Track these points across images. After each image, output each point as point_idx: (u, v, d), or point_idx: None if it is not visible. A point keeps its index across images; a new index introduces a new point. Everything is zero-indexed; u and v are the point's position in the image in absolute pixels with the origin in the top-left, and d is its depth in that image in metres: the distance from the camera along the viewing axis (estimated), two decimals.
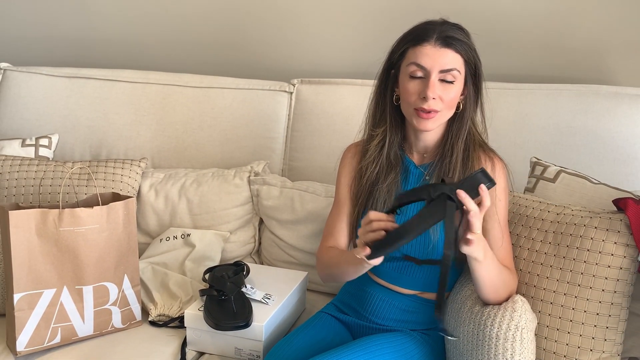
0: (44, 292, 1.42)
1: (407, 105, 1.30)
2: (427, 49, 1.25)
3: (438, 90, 1.25)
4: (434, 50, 1.25)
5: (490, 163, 1.33)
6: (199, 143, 2.03)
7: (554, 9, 1.85)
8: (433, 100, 1.25)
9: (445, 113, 1.29)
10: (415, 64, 1.26)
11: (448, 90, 1.26)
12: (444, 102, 1.26)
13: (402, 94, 1.30)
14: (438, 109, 1.26)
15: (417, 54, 1.26)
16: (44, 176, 1.76)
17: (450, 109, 1.29)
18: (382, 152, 1.37)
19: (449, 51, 1.25)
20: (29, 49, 2.50)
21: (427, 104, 1.25)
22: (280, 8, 2.14)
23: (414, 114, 1.28)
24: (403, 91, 1.29)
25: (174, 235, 1.80)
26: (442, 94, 1.26)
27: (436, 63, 1.25)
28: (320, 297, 1.75)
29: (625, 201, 1.26)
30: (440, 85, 1.25)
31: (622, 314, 1.24)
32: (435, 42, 1.25)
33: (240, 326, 1.37)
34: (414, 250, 1.33)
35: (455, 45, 1.25)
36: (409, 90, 1.28)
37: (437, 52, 1.25)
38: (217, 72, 2.15)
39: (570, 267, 1.26)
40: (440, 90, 1.25)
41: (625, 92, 1.69)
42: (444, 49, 1.25)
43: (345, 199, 1.43)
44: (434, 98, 1.25)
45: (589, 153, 1.68)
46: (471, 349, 1.21)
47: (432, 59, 1.25)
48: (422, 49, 1.26)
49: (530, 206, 1.40)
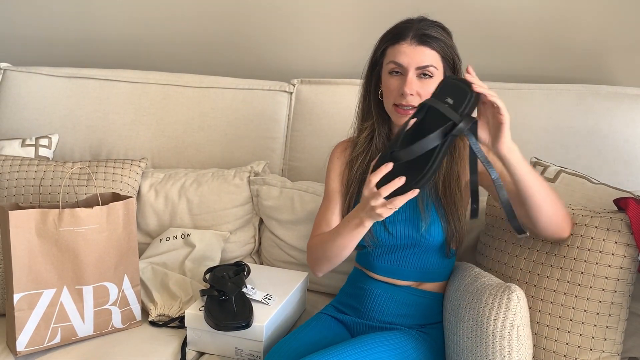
0: (44, 292, 1.42)
1: (388, 102, 1.35)
2: (404, 47, 1.31)
3: (416, 86, 1.30)
4: (410, 48, 1.30)
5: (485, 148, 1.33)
6: (199, 143, 2.03)
7: (554, 9, 1.86)
8: (411, 97, 1.30)
9: None
10: (393, 62, 1.32)
11: (426, 85, 1.30)
12: (422, 97, 1.30)
13: (384, 91, 1.36)
14: (416, 104, 1.29)
15: (395, 52, 1.32)
16: (44, 176, 1.76)
17: None
18: (371, 143, 1.42)
19: (425, 49, 1.30)
20: (29, 49, 2.50)
21: (405, 100, 1.30)
22: (280, 8, 2.14)
23: (393, 111, 1.34)
24: (384, 88, 1.36)
25: (174, 235, 1.80)
26: (420, 90, 1.30)
27: (413, 60, 1.30)
28: (321, 298, 1.75)
29: (626, 201, 1.26)
30: (418, 82, 1.31)
31: (622, 314, 1.24)
32: (411, 41, 1.30)
33: (241, 326, 1.37)
34: (406, 236, 1.35)
35: (431, 43, 1.30)
36: (388, 87, 1.34)
37: (413, 50, 1.30)
38: (217, 72, 2.15)
39: (571, 266, 1.26)
40: (419, 86, 1.30)
41: (625, 92, 1.69)
42: (420, 47, 1.30)
43: (336, 191, 1.45)
44: (412, 94, 1.30)
45: (589, 153, 1.68)
46: (471, 345, 1.21)
47: (409, 57, 1.30)
48: (399, 47, 1.31)
49: None
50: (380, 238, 1.37)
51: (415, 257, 1.38)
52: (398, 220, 1.36)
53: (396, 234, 1.36)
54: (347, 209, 1.41)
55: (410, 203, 1.33)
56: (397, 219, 1.36)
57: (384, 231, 1.36)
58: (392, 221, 1.36)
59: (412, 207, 1.35)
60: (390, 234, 1.36)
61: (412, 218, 1.35)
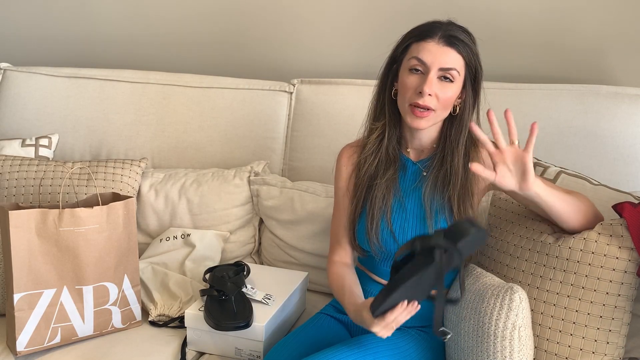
0: (44, 292, 1.42)
1: (403, 101, 1.30)
2: (430, 45, 1.27)
3: (435, 87, 1.26)
4: (437, 47, 1.26)
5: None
6: (199, 143, 2.03)
7: (554, 9, 1.85)
8: (429, 97, 1.26)
9: (440, 113, 1.29)
10: (416, 58, 1.27)
11: (445, 89, 1.27)
12: (439, 101, 1.27)
13: (400, 88, 1.31)
14: (433, 107, 1.27)
15: (419, 48, 1.28)
16: (44, 176, 1.76)
17: (445, 109, 1.29)
18: (381, 146, 1.38)
19: (451, 50, 1.27)
20: (29, 49, 2.50)
21: (422, 99, 1.26)
22: (280, 8, 2.14)
23: (409, 111, 1.29)
24: (401, 85, 1.31)
25: (174, 235, 1.80)
26: (438, 92, 1.26)
27: (437, 60, 1.26)
28: (321, 298, 1.75)
29: (622, 205, 1.27)
30: (438, 83, 1.26)
31: (625, 317, 1.24)
32: (439, 40, 1.27)
33: (241, 326, 1.37)
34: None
35: (458, 46, 1.27)
36: (406, 84, 1.29)
37: (439, 49, 1.26)
38: (217, 72, 2.15)
39: (574, 269, 1.26)
40: (438, 88, 1.26)
41: (625, 92, 1.69)
42: (447, 48, 1.26)
43: (345, 198, 1.43)
44: (430, 95, 1.26)
45: (589, 153, 1.68)
46: (472, 345, 1.21)
47: (434, 55, 1.26)
48: (425, 44, 1.27)
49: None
50: (388, 247, 1.35)
51: None
52: (407, 232, 1.34)
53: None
54: (354, 213, 1.39)
55: (420, 216, 1.33)
56: (406, 229, 1.34)
57: (393, 242, 1.34)
58: (402, 232, 1.34)
59: (423, 219, 1.33)
60: (398, 245, 1.34)
61: (423, 231, 1.33)
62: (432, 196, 1.33)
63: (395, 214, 1.35)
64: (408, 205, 1.35)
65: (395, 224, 1.34)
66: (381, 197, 1.35)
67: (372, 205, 1.35)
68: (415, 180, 1.36)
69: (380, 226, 1.34)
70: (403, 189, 1.36)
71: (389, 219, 1.34)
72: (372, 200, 1.35)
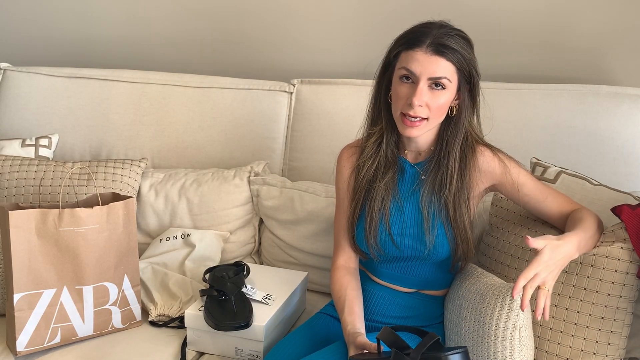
0: (44, 292, 1.42)
1: (395, 109, 1.29)
2: (418, 54, 1.23)
3: (425, 97, 1.23)
4: (425, 57, 1.22)
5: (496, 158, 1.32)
6: (199, 143, 2.03)
7: (554, 9, 1.85)
8: (419, 108, 1.24)
9: (433, 120, 1.27)
10: (405, 68, 1.24)
11: (437, 97, 1.24)
12: (431, 110, 1.25)
13: (393, 96, 1.29)
14: (424, 116, 1.25)
15: (408, 58, 1.24)
16: (44, 176, 1.76)
17: (438, 115, 1.28)
18: (379, 149, 1.36)
19: (440, 59, 1.22)
20: (29, 49, 2.50)
21: (412, 110, 1.24)
22: (280, 8, 2.14)
23: (400, 120, 1.28)
24: (393, 93, 1.29)
25: (174, 235, 1.80)
26: (429, 101, 1.24)
27: (425, 70, 1.22)
28: (321, 297, 1.75)
29: (621, 208, 1.27)
30: (429, 92, 1.24)
31: (627, 319, 1.24)
32: (426, 49, 1.22)
33: (241, 326, 1.37)
34: (412, 250, 1.33)
35: (447, 54, 1.22)
36: (398, 93, 1.27)
37: (427, 59, 1.22)
38: (217, 72, 2.15)
39: (577, 270, 1.26)
40: (429, 97, 1.24)
41: (625, 92, 1.69)
42: (435, 57, 1.22)
43: (345, 199, 1.43)
44: (420, 105, 1.23)
45: (589, 153, 1.68)
46: (472, 345, 1.21)
47: (422, 66, 1.22)
48: (413, 54, 1.23)
49: None
50: (387, 250, 1.35)
51: (420, 268, 1.36)
52: (406, 235, 1.33)
53: (403, 247, 1.33)
54: (352, 215, 1.39)
55: (418, 220, 1.33)
56: (405, 233, 1.33)
57: (392, 245, 1.34)
58: (400, 235, 1.34)
59: (420, 223, 1.33)
60: (397, 248, 1.34)
61: (421, 234, 1.33)
62: (430, 199, 1.32)
63: (394, 217, 1.34)
64: (406, 209, 1.34)
65: (393, 226, 1.34)
66: (380, 200, 1.34)
67: (371, 208, 1.34)
68: (414, 184, 1.36)
69: (379, 229, 1.34)
70: (401, 192, 1.36)
71: (388, 222, 1.34)
72: (370, 203, 1.35)
